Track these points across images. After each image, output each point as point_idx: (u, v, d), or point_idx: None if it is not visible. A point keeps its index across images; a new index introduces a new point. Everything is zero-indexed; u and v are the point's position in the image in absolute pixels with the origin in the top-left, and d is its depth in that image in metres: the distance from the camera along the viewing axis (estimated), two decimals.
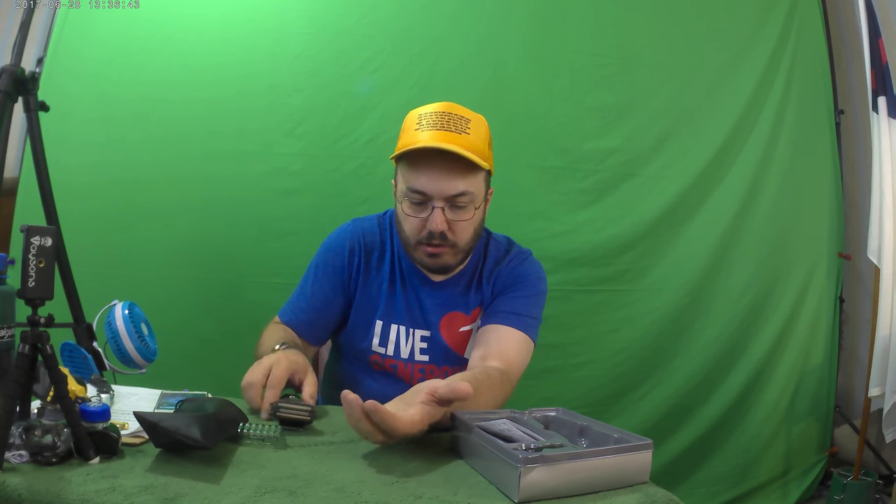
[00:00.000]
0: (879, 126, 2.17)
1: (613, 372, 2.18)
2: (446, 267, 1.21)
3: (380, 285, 1.27)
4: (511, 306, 1.23)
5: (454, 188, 1.12)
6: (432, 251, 1.16)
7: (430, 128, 1.12)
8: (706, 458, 2.27)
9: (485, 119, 1.20)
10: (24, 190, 1.83)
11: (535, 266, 1.31)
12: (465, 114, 1.16)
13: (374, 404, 0.78)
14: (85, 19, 1.92)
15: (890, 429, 2.14)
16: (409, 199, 1.15)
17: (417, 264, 1.24)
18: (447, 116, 1.13)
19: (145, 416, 0.75)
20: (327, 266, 1.28)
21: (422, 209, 1.15)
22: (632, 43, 2.21)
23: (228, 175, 1.96)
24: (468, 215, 1.15)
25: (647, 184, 2.20)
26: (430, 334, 1.27)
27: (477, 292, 1.28)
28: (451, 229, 1.15)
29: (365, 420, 0.78)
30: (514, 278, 1.27)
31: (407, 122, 1.19)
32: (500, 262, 1.29)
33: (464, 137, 1.12)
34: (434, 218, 1.13)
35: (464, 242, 1.18)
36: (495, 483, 0.75)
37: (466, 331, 1.28)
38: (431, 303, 1.27)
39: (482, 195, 1.19)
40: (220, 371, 1.92)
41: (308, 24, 2.00)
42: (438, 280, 1.27)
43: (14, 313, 0.85)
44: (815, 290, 2.37)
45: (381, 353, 1.27)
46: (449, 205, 1.13)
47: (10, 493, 0.66)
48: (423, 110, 1.17)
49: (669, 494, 0.75)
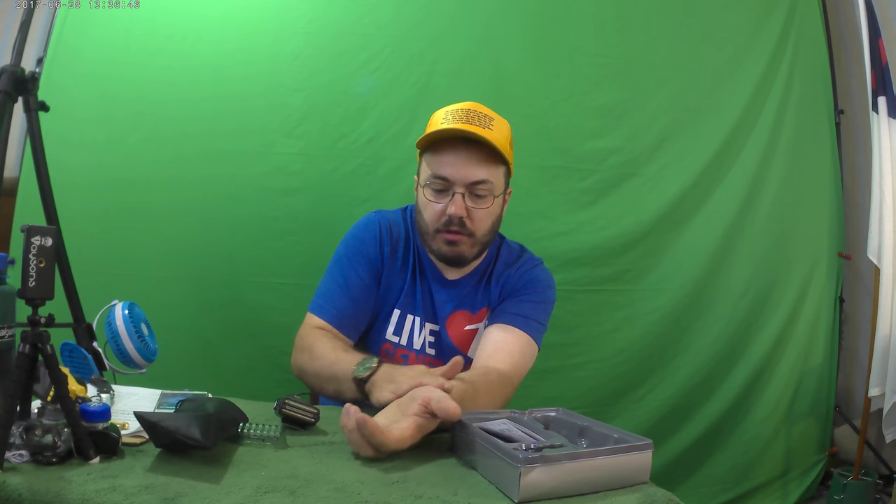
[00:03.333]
0: (879, 126, 2.17)
1: (613, 372, 2.18)
2: (462, 257, 1.22)
3: (402, 275, 1.28)
4: (518, 309, 1.25)
5: (475, 175, 1.16)
6: (451, 238, 1.19)
7: (457, 122, 1.17)
8: (706, 458, 2.27)
9: (508, 123, 1.24)
10: (24, 190, 1.83)
11: (546, 274, 1.33)
12: (490, 113, 1.21)
13: (364, 418, 0.79)
14: (85, 19, 1.91)
15: (890, 429, 2.14)
16: (431, 185, 1.19)
17: (434, 255, 1.25)
18: (472, 113, 1.19)
19: (145, 416, 0.75)
20: (360, 255, 1.26)
21: (443, 196, 1.18)
22: (632, 43, 2.21)
23: (228, 175, 1.96)
24: (487, 204, 1.19)
25: (647, 184, 2.20)
26: (437, 329, 1.29)
27: (485, 293, 1.30)
28: (469, 217, 1.18)
29: (356, 431, 0.80)
30: (523, 283, 1.28)
31: (434, 117, 1.23)
32: (511, 266, 1.31)
33: (487, 132, 1.16)
34: (454, 202, 1.16)
35: (481, 233, 1.21)
36: (495, 483, 0.75)
37: (472, 330, 1.29)
38: (441, 299, 1.28)
39: (501, 188, 1.22)
40: (220, 371, 1.94)
41: (308, 24, 2.00)
42: (451, 277, 1.28)
43: (14, 313, 0.85)
44: (815, 290, 2.37)
45: (395, 342, 1.28)
46: (469, 192, 1.17)
47: (10, 492, 0.66)
48: (450, 107, 1.22)
49: (669, 494, 0.75)
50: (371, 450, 0.81)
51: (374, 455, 0.81)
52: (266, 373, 1.94)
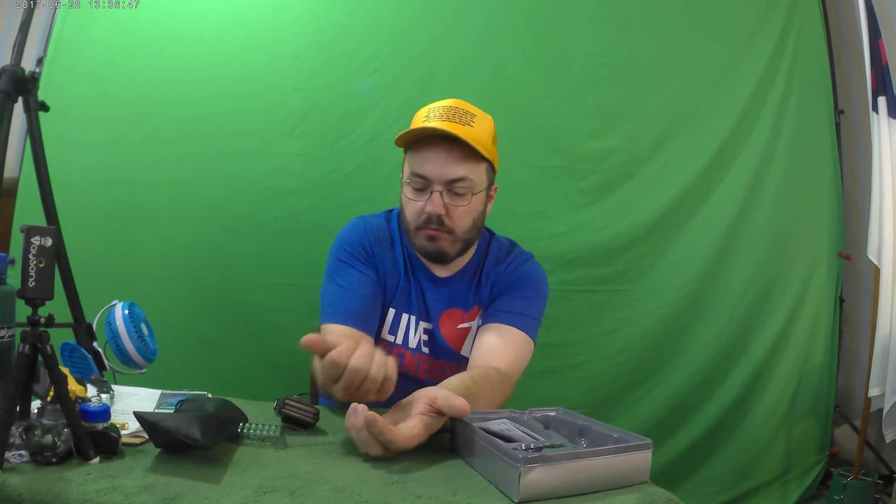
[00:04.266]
0: (879, 126, 2.17)
1: (613, 372, 2.18)
2: (443, 253, 1.21)
3: (395, 274, 1.28)
4: (512, 306, 1.24)
5: (453, 173, 1.16)
6: (430, 234, 1.18)
7: (437, 119, 1.17)
8: (706, 458, 2.27)
9: (492, 119, 1.24)
10: (24, 190, 1.83)
11: (537, 268, 1.32)
12: (473, 110, 1.21)
13: (373, 416, 0.79)
14: (85, 19, 1.92)
15: (890, 429, 2.14)
16: (411, 183, 1.19)
17: (418, 252, 1.25)
18: (454, 110, 1.18)
19: (145, 416, 0.75)
20: (355, 255, 1.26)
21: (422, 194, 1.18)
22: (632, 43, 2.21)
23: (228, 175, 1.96)
24: (465, 202, 1.18)
25: (647, 184, 2.20)
26: (430, 328, 1.28)
27: (476, 291, 1.29)
28: (448, 214, 1.17)
29: (365, 430, 0.79)
30: (515, 279, 1.28)
31: (416, 116, 1.23)
32: (502, 262, 1.30)
33: (467, 129, 1.16)
34: (433, 200, 1.16)
35: (461, 230, 1.20)
36: (495, 483, 0.75)
37: (464, 328, 1.29)
38: (432, 297, 1.28)
39: (482, 185, 1.21)
40: (220, 371, 1.94)
41: (308, 24, 2.00)
42: (441, 276, 1.28)
43: (14, 313, 0.85)
44: (815, 290, 2.37)
45: (390, 341, 1.28)
46: (447, 189, 1.17)
47: (10, 492, 0.66)
48: (433, 105, 1.21)
49: (669, 494, 0.75)
50: (379, 448, 0.80)
51: (383, 454, 0.80)
52: (266, 373, 1.94)
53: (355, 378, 0.83)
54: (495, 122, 1.25)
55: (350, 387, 0.83)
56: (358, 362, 0.83)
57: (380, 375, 0.84)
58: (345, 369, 0.83)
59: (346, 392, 0.84)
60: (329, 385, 0.85)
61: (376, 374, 0.84)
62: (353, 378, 0.83)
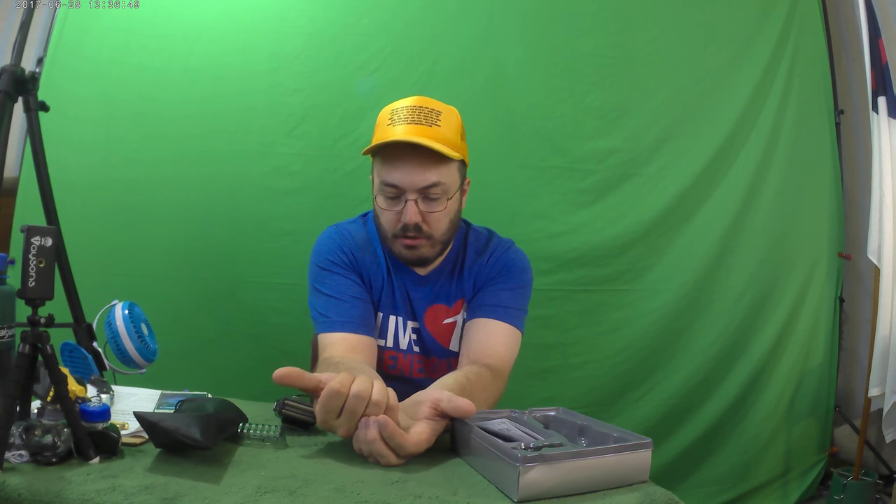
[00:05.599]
0: (879, 126, 2.17)
1: (613, 372, 2.18)
2: (424, 259, 1.20)
3: (378, 277, 1.26)
4: (496, 299, 1.22)
5: (426, 180, 1.12)
6: (409, 243, 1.16)
7: (402, 122, 1.14)
8: (706, 458, 2.27)
9: (457, 111, 1.20)
10: (24, 190, 1.83)
11: (519, 256, 1.29)
12: (437, 106, 1.17)
13: (386, 418, 0.77)
14: (85, 19, 1.92)
15: (890, 429, 2.14)
16: (383, 193, 1.16)
17: (397, 257, 1.23)
18: (418, 110, 1.15)
19: (145, 416, 0.75)
20: (335, 264, 1.24)
21: (396, 202, 1.15)
22: (632, 43, 2.21)
23: (228, 174, 1.96)
24: (441, 206, 1.15)
25: (647, 184, 2.20)
26: (418, 326, 1.27)
27: (458, 284, 1.27)
28: (425, 221, 1.15)
29: (380, 441, 0.77)
30: (497, 270, 1.26)
31: (380, 117, 1.19)
32: (482, 253, 1.28)
33: (434, 130, 1.13)
34: (407, 210, 1.13)
35: (440, 234, 1.18)
36: (495, 482, 0.75)
37: (450, 323, 1.27)
38: (416, 295, 1.26)
39: (456, 185, 1.18)
40: (220, 371, 1.94)
41: (308, 24, 2.00)
42: (422, 273, 1.26)
43: (14, 313, 0.85)
44: (815, 290, 2.37)
45: (381, 345, 1.26)
46: (422, 196, 1.13)
47: (10, 492, 0.66)
48: (396, 105, 1.18)
49: (669, 494, 0.75)
50: (395, 457, 0.79)
51: (397, 462, 0.79)
52: (266, 373, 1.91)
53: (359, 405, 0.78)
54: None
55: (354, 416, 0.78)
56: (360, 387, 0.78)
57: (383, 400, 0.79)
58: (347, 398, 0.78)
59: (349, 422, 0.79)
60: (331, 418, 0.79)
61: (379, 399, 0.79)
62: (356, 405, 0.78)
